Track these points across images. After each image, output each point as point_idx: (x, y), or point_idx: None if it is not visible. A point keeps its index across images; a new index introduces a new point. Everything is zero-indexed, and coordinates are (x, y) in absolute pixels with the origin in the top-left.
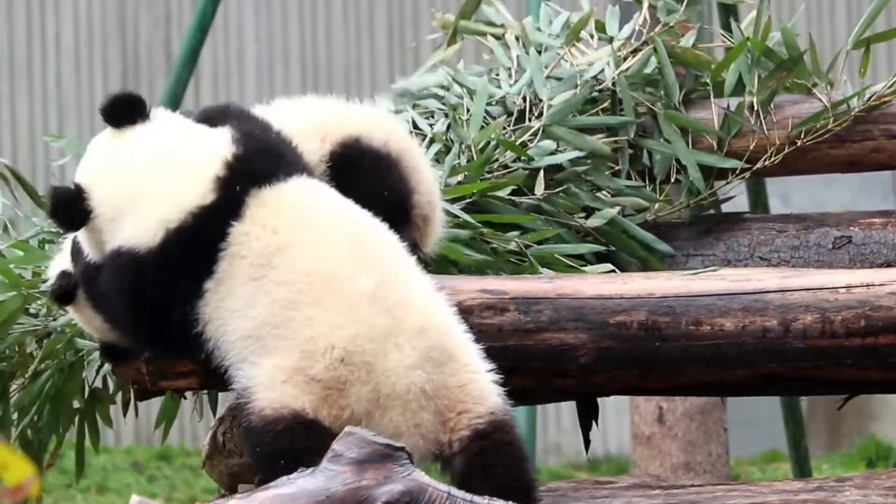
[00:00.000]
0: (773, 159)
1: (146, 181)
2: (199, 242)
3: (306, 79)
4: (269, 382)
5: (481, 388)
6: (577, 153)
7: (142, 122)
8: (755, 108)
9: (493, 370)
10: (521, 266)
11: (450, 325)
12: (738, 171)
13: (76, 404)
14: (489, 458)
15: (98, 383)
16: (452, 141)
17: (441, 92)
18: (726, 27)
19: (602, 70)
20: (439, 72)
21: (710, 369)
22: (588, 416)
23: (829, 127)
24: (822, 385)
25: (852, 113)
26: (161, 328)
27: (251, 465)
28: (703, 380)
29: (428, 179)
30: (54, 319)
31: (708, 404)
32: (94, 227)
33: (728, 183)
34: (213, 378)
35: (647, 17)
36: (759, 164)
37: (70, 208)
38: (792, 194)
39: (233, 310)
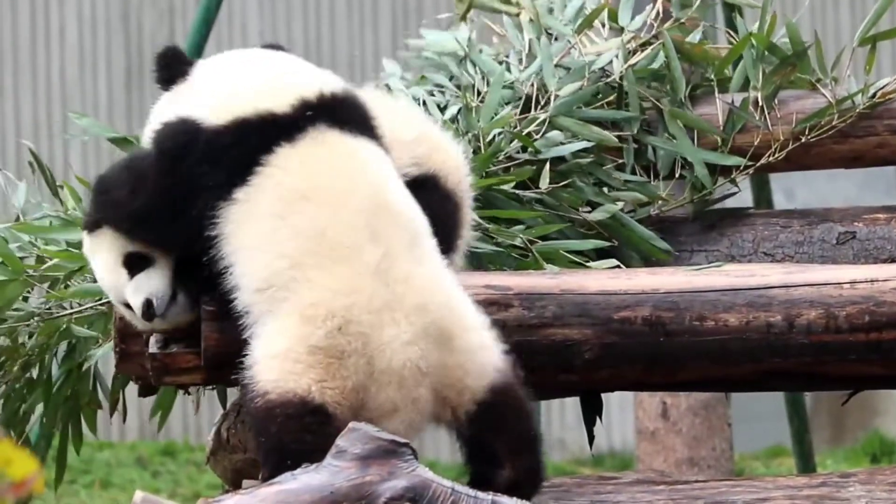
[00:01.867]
0: (777, 155)
1: (241, 72)
2: (250, 143)
3: None
4: (271, 358)
5: (482, 364)
6: (584, 144)
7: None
8: (759, 104)
9: (494, 335)
10: (524, 261)
11: (453, 303)
12: (741, 167)
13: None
14: (496, 421)
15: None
16: (461, 129)
17: (453, 66)
18: (731, 25)
19: (610, 62)
20: (454, 38)
21: (714, 365)
22: (592, 411)
23: (833, 123)
24: (827, 380)
25: (857, 109)
26: (180, 208)
27: (257, 453)
28: (707, 375)
29: (470, 220)
30: (49, 310)
31: (712, 400)
32: (177, 89)
33: (732, 179)
34: (219, 373)
35: (661, 11)
36: (763, 160)
37: (174, 63)
38: (796, 190)
39: (249, 241)
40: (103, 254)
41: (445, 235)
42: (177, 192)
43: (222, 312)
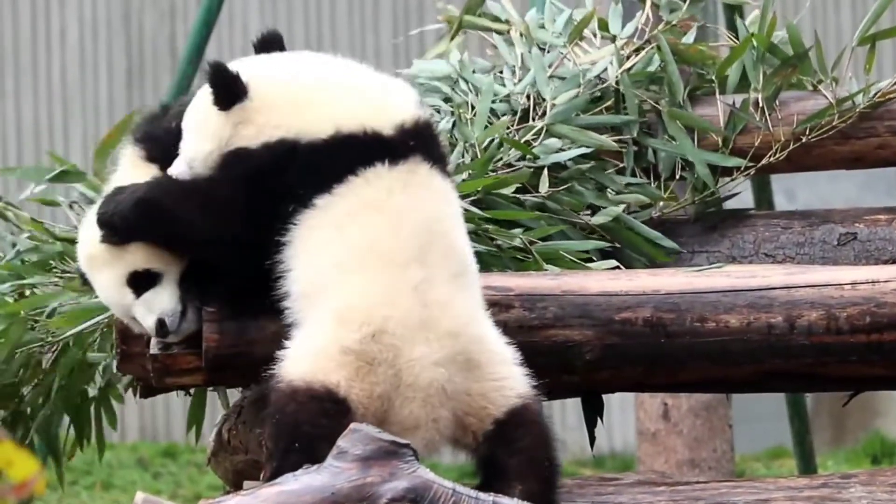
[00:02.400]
0: (777, 156)
1: (332, 88)
2: (350, 158)
3: None
4: (303, 354)
5: (505, 393)
6: (582, 150)
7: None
8: (760, 105)
9: (523, 370)
10: (525, 262)
11: (484, 336)
12: (742, 168)
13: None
14: (514, 435)
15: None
16: (457, 139)
17: (446, 87)
18: (731, 27)
19: (605, 69)
20: (446, 62)
21: (715, 366)
22: (593, 412)
23: (833, 123)
24: (827, 382)
25: (857, 110)
26: (258, 230)
27: (267, 437)
28: (708, 376)
29: None
30: (55, 337)
31: (713, 401)
32: (240, 112)
33: (733, 180)
34: (220, 375)
35: (650, 16)
36: (763, 161)
37: (232, 84)
38: (797, 191)
39: (309, 247)
40: (105, 271)
41: None
42: (266, 210)
43: (223, 314)
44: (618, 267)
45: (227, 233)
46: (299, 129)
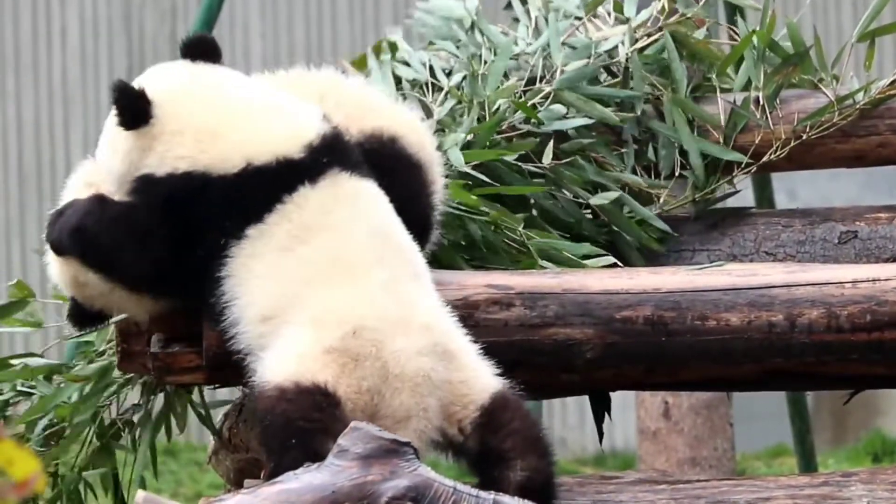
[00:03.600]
0: (778, 154)
1: (239, 112)
2: (269, 188)
3: None
4: (286, 356)
5: (483, 381)
6: (586, 120)
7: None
8: (761, 103)
9: (494, 367)
10: (520, 256)
11: (452, 328)
12: (743, 166)
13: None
14: (502, 419)
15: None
16: (467, 98)
17: (461, 34)
18: (732, 24)
19: (616, 46)
20: (463, 5)
21: (715, 364)
22: (600, 408)
23: (834, 121)
24: (828, 380)
25: (857, 107)
26: (176, 261)
27: (260, 442)
28: (709, 375)
29: (441, 189)
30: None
31: (714, 399)
32: (146, 133)
33: (734, 178)
34: (220, 373)
35: (666, 7)
36: (764, 159)
37: (135, 104)
38: (798, 189)
39: (255, 274)
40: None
41: (419, 208)
42: (187, 242)
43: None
44: (616, 264)
45: (151, 261)
46: (207, 164)
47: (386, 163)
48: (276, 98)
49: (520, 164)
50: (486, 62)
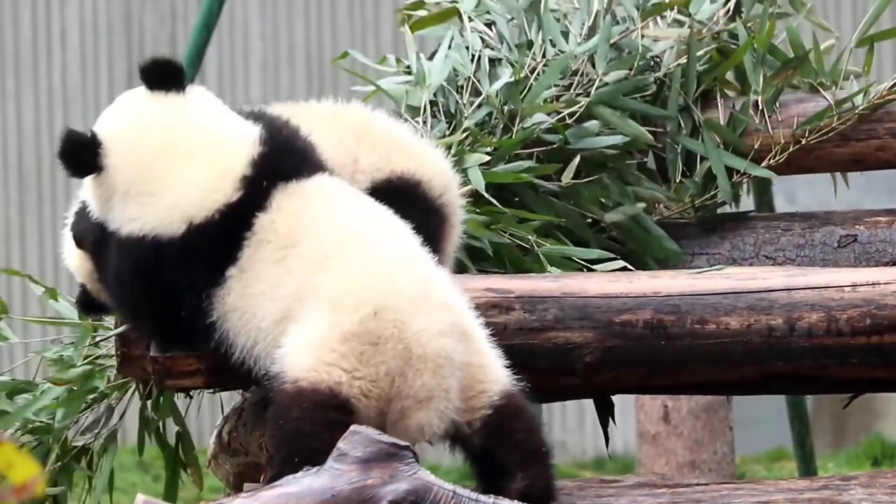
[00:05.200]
0: (777, 158)
1: (171, 163)
2: (223, 235)
3: (311, 77)
4: (304, 347)
5: (497, 371)
6: (617, 139)
7: (177, 92)
8: (760, 108)
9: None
10: (526, 261)
11: (467, 310)
12: (742, 172)
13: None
14: (508, 427)
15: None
16: (500, 104)
17: (521, 16)
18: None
19: (664, 52)
20: None
21: (715, 368)
22: (606, 412)
23: (833, 125)
24: (828, 384)
25: (856, 111)
26: (171, 314)
27: (268, 438)
28: (709, 378)
29: (459, 231)
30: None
31: (713, 403)
32: (103, 182)
33: (734, 182)
34: (220, 377)
35: (731, 8)
36: (764, 164)
37: (81, 154)
38: (797, 193)
39: (260, 294)
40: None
41: (432, 247)
42: (165, 299)
43: None
44: (625, 268)
45: (148, 314)
46: (154, 226)
47: (410, 205)
48: (208, 132)
49: (534, 181)
50: (536, 62)
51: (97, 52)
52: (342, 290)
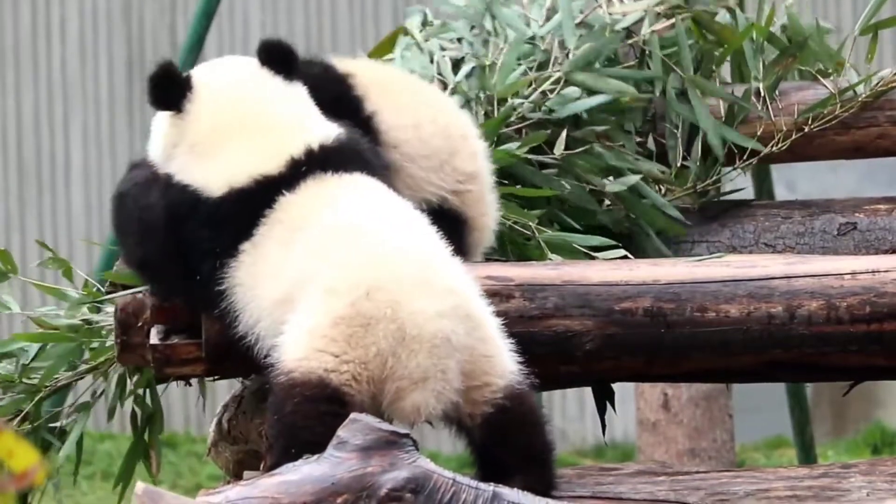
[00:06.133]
0: (780, 146)
1: (240, 133)
2: (250, 207)
3: None
4: (298, 336)
5: (504, 362)
6: (599, 99)
7: (282, 76)
8: (761, 95)
9: (511, 344)
10: (527, 247)
11: (477, 295)
12: (745, 157)
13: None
14: (511, 430)
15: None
16: (474, 93)
17: (477, 15)
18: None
19: (636, 23)
20: None
21: (715, 356)
22: (603, 399)
23: (835, 113)
24: (828, 371)
25: (859, 99)
26: (186, 272)
27: (268, 431)
28: (709, 366)
29: (490, 234)
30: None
31: (713, 391)
32: (177, 125)
33: (735, 169)
34: (220, 365)
35: None
36: (766, 151)
37: (171, 88)
38: (797, 181)
39: (263, 273)
40: None
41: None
42: (183, 251)
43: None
44: (625, 256)
45: (154, 261)
46: (200, 183)
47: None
48: (286, 115)
49: (529, 156)
50: (499, 51)
51: (97, 43)
52: (337, 275)
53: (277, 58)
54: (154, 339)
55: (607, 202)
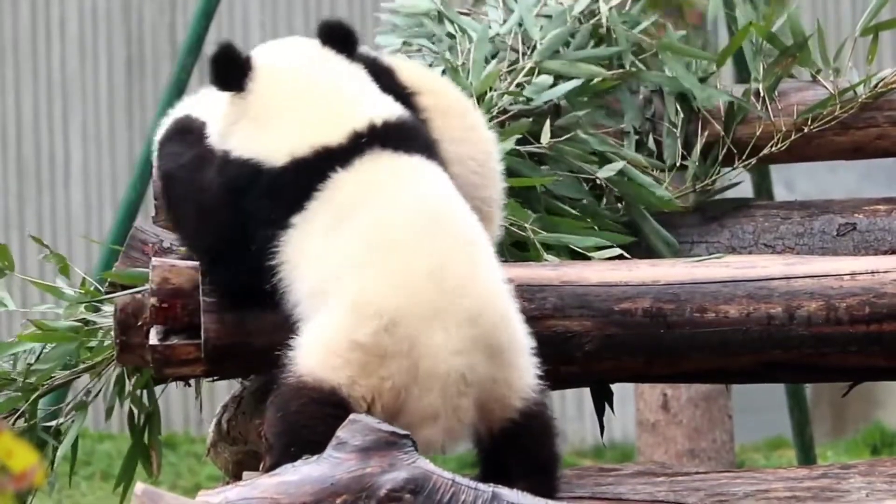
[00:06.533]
0: (779, 146)
1: (303, 107)
2: (308, 177)
3: None
4: (314, 345)
5: (524, 382)
6: (574, 83)
7: (343, 55)
8: (761, 95)
9: (535, 356)
10: (525, 251)
11: (505, 317)
12: (743, 157)
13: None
14: (522, 441)
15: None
16: None
17: (432, 25)
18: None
19: (592, 7)
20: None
21: (714, 356)
22: (601, 400)
23: (835, 114)
24: (827, 372)
25: (859, 100)
26: (240, 245)
27: (267, 427)
28: (708, 367)
29: (499, 191)
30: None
31: (713, 391)
32: (238, 104)
33: (734, 169)
34: (219, 366)
35: None
36: (765, 151)
37: (232, 69)
38: (796, 181)
39: (307, 255)
40: None
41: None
42: (240, 225)
43: (221, 304)
44: (622, 256)
45: (207, 240)
46: (262, 155)
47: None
48: (348, 92)
49: (517, 147)
50: (467, 51)
51: (96, 42)
52: (364, 297)
53: (338, 37)
54: (153, 339)
55: (604, 201)
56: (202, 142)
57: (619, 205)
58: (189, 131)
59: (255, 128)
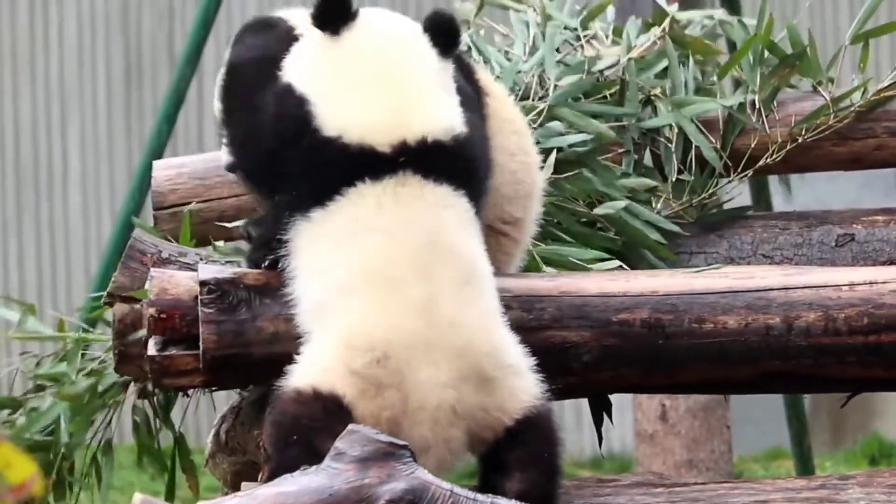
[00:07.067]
0: (774, 157)
1: (376, 78)
2: (342, 169)
3: None
4: (313, 366)
5: (520, 400)
6: (583, 136)
7: (440, 44)
8: (757, 106)
9: (535, 371)
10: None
11: (496, 349)
12: (739, 169)
13: None
14: (521, 438)
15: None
16: None
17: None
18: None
19: (614, 62)
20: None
21: (713, 367)
22: (600, 410)
23: (830, 123)
24: (826, 383)
25: (853, 108)
26: (278, 174)
27: (264, 438)
28: (707, 378)
29: (532, 213)
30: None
31: (711, 402)
32: (326, 43)
33: (730, 181)
34: (218, 376)
35: (666, 29)
36: (760, 163)
37: (336, 8)
38: (795, 192)
39: (313, 260)
40: None
41: None
42: (278, 159)
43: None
44: (620, 267)
45: (249, 163)
46: (319, 111)
47: None
48: (426, 88)
49: None
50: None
51: (94, 49)
52: (353, 331)
53: (441, 30)
54: (152, 350)
55: (599, 226)
56: (284, 46)
57: (617, 237)
58: (274, 27)
59: (326, 78)
